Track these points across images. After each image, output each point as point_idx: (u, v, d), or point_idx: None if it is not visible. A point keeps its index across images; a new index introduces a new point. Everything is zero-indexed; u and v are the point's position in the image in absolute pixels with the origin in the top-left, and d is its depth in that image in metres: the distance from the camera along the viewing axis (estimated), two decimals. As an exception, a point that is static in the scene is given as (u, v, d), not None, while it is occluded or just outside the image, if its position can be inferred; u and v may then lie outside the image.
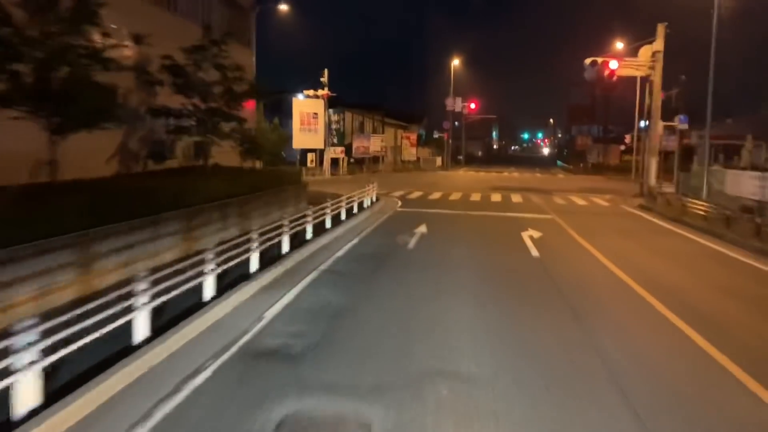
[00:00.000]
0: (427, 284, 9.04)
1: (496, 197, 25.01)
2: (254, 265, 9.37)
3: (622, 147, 54.64)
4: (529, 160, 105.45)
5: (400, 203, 21.55)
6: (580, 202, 24.06)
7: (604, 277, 9.96)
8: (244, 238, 9.21)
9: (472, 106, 52.24)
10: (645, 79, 42.82)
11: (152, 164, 15.96)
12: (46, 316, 4.86)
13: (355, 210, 17.68)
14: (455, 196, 25.25)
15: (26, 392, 4.52)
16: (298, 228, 12.13)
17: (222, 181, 13.35)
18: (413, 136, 54.36)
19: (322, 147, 39.74)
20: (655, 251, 12.76)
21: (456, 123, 72.57)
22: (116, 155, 14.26)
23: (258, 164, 40.10)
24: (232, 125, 15.81)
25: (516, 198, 24.81)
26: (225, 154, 17.95)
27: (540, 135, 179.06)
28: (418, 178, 40.60)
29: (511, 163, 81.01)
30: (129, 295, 5.86)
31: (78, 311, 5.13)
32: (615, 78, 22.25)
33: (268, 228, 10.51)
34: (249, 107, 23.36)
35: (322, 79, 37.46)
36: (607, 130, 71.47)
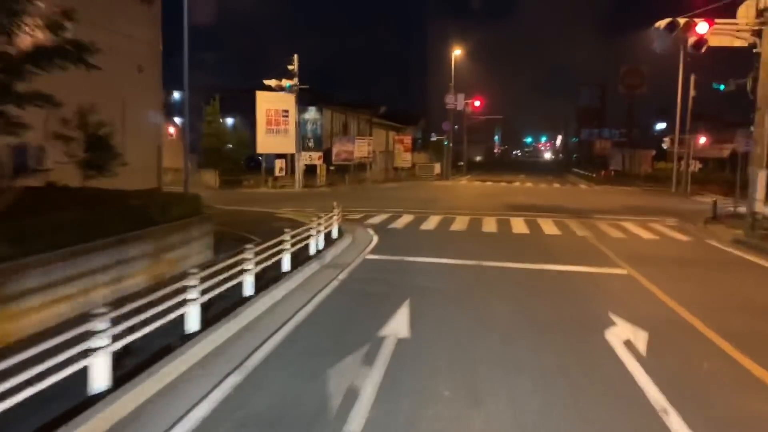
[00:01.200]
0: None
1: (518, 225, 17.33)
2: None
3: (653, 152, 47.07)
4: (535, 165, 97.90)
5: (375, 240, 13.89)
6: (643, 233, 16.39)
7: None
8: None
9: (477, 104, 44.62)
10: (692, 64, 35.44)
11: None
12: None
13: (286, 266, 9.92)
14: (460, 223, 17.56)
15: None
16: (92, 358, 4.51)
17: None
18: (408, 140, 46.80)
19: (292, 151, 32.11)
20: None
21: (456, 127, 65.01)
22: None
23: (215, 175, 32.43)
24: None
25: (548, 227, 17.12)
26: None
27: (544, 138, 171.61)
28: (411, 190, 32.94)
29: (518, 169, 73.35)
30: None
31: None
32: (705, 48, 14.59)
33: None
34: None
35: (290, 67, 29.85)
36: (630, 134, 63.81)
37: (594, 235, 15.60)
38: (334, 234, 13.65)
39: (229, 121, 41.53)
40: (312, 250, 11.34)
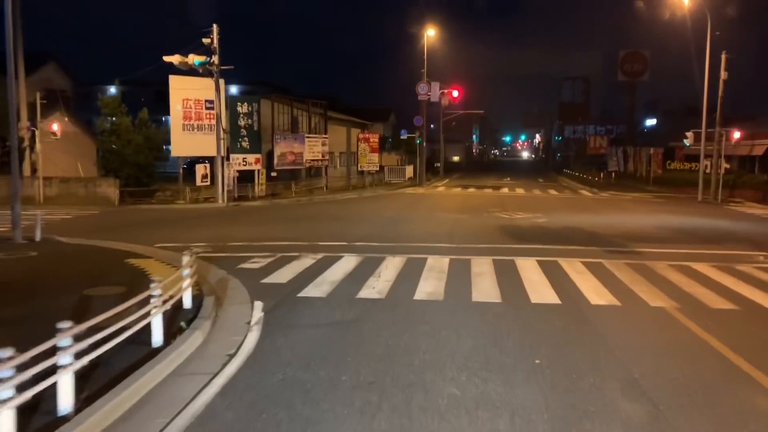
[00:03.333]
0: None
1: (533, 278, 10.01)
2: None
3: (661, 149, 40.31)
4: (518, 166, 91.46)
5: (247, 345, 6.44)
6: (754, 295, 9.25)
7: None
8: None
9: (455, 94, 37.36)
10: (720, 46, 28.77)
11: None
12: None
13: None
14: (433, 275, 10.18)
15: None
16: None
17: None
18: (374, 138, 39.41)
19: (214, 153, 24.50)
20: None
21: (432, 126, 57.76)
22: None
23: (115, 184, 24.49)
24: None
25: (585, 281, 9.80)
26: None
27: (523, 137, 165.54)
28: (372, 204, 25.58)
29: (501, 170, 66.43)
30: None
31: None
32: None
33: None
34: None
35: (205, 40, 22.19)
36: (631, 129, 57.10)
37: (679, 305, 8.41)
38: (156, 338, 6.17)
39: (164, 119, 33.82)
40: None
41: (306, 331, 7.01)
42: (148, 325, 6.08)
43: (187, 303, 7.83)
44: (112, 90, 60.04)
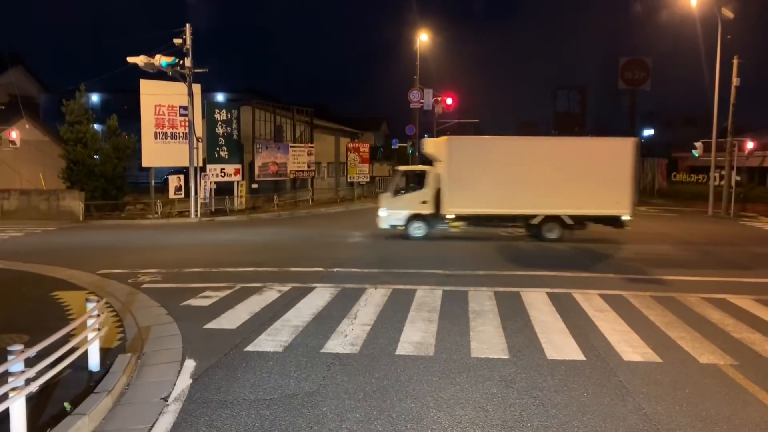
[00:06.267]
0: None
1: (544, 317, 8.08)
2: None
3: (665, 161, 38.62)
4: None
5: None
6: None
7: None
8: None
9: (449, 101, 35.63)
10: (728, 49, 27.10)
11: None
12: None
13: None
14: (420, 315, 8.24)
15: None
16: None
17: None
18: (365, 147, 37.57)
19: (188, 163, 22.54)
20: None
21: (425, 135, 56.01)
22: None
23: (80, 197, 22.30)
24: None
25: (606, 322, 7.87)
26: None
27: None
28: (358, 220, 23.73)
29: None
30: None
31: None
32: None
33: None
34: None
35: (176, 41, 20.29)
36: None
37: (734, 360, 6.58)
38: (15, 433, 4.22)
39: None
40: None
41: (242, 414, 5.06)
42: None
43: (93, 363, 5.92)
44: (95, 98, 57.90)
